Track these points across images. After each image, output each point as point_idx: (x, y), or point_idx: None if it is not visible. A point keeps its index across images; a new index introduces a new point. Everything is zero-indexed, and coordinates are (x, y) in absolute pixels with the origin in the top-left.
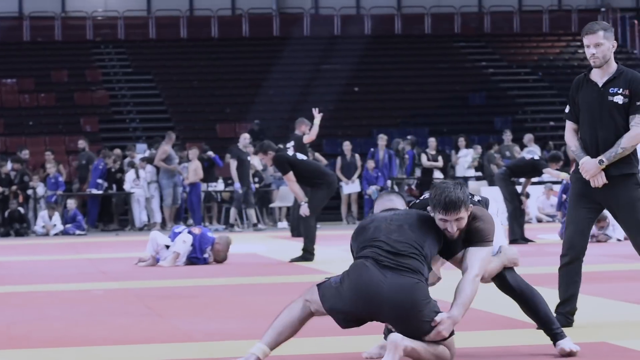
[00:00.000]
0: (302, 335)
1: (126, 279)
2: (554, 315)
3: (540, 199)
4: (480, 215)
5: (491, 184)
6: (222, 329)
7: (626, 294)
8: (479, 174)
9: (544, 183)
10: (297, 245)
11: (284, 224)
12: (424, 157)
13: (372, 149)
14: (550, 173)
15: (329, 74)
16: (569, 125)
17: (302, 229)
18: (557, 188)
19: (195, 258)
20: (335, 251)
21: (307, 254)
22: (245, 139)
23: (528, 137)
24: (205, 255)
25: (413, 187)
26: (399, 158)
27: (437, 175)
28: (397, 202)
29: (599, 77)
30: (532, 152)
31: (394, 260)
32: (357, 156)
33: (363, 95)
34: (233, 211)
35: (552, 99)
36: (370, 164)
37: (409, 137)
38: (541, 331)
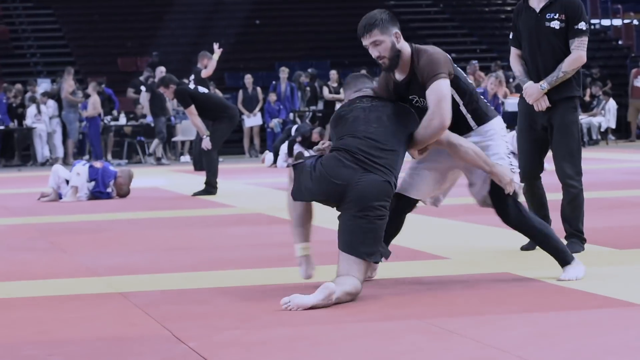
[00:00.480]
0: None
1: (29, 215)
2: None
3: None
4: (424, 49)
5: None
6: (126, 263)
7: None
8: None
9: None
10: (199, 179)
11: (186, 157)
12: (325, 90)
13: (274, 82)
14: None
15: (230, 7)
16: (513, 51)
17: (205, 162)
18: None
19: (98, 192)
20: (238, 184)
21: (210, 188)
22: (161, 72)
23: None
24: (109, 190)
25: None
26: (300, 91)
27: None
28: (368, 84)
29: (536, 2)
30: None
31: (368, 155)
32: (258, 89)
33: (265, 28)
34: (155, 143)
35: (453, 31)
36: (272, 96)
37: (309, 70)
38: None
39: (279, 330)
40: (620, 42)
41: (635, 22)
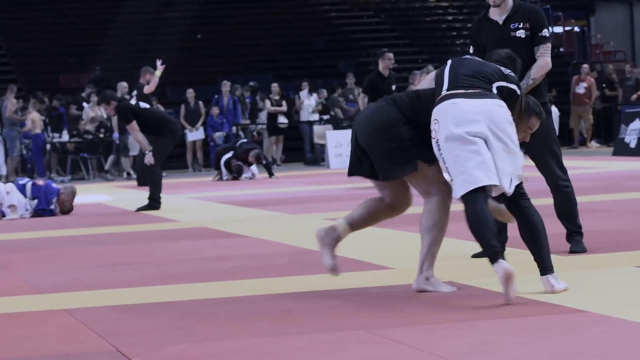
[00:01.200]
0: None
1: None
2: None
3: None
4: None
5: (336, 127)
6: (70, 279)
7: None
8: (326, 117)
9: None
10: (143, 194)
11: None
12: (267, 103)
13: (216, 96)
14: None
15: (172, 22)
16: None
17: (148, 177)
18: None
19: (41, 210)
20: (181, 199)
21: (154, 203)
22: (124, 87)
23: None
24: (52, 207)
25: (255, 133)
26: (241, 104)
27: (282, 120)
28: None
29: (498, 15)
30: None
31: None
32: (200, 103)
33: (206, 42)
34: (111, 159)
35: (395, 42)
36: (215, 110)
37: (251, 83)
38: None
39: (224, 343)
40: (561, 50)
41: (577, 29)
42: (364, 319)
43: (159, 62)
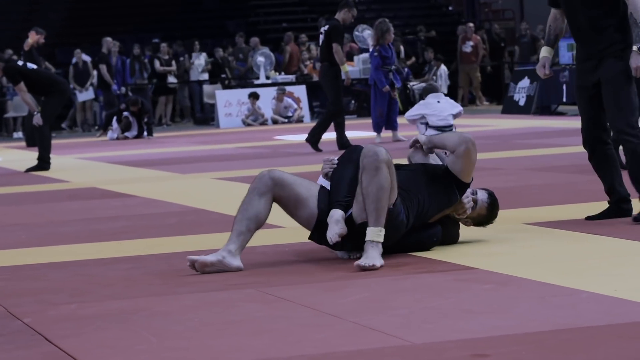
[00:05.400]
0: None
1: None
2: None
3: (272, 102)
4: None
5: (225, 87)
6: None
7: None
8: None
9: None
10: (32, 155)
11: (19, 134)
12: (157, 63)
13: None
14: None
15: None
16: (552, 12)
17: (37, 138)
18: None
19: None
20: (71, 160)
21: (43, 163)
22: (109, 42)
23: (254, 41)
24: None
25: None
26: (139, 63)
27: (172, 80)
28: None
29: None
30: None
31: None
32: (89, 63)
33: (95, 2)
34: None
35: (284, 0)
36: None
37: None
38: None
39: (114, 303)
40: (450, 8)
41: None
42: (254, 277)
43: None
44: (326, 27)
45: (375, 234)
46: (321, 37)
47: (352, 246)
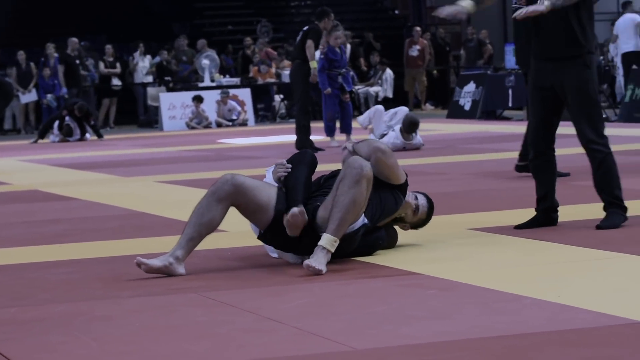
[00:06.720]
0: None
1: None
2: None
3: (216, 105)
4: None
5: (169, 90)
6: None
7: None
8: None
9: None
10: None
11: None
12: (101, 65)
13: (42, 59)
14: None
15: None
16: None
17: None
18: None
19: None
20: (12, 162)
21: None
22: (75, 42)
23: (201, 43)
24: None
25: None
26: (82, 65)
27: (116, 82)
28: None
29: None
30: None
31: None
32: (32, 65)
33: (39, 3)
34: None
35: (230, 3)
36: (47, 72)
37: (82, 43)
38: None
39: (55, 306)
40: (396, 12)
41: None
42: (196, 281)
43: None
44: (306, 28)
45: (330, 242)
46: (299, 37)
47: (304, 246)
